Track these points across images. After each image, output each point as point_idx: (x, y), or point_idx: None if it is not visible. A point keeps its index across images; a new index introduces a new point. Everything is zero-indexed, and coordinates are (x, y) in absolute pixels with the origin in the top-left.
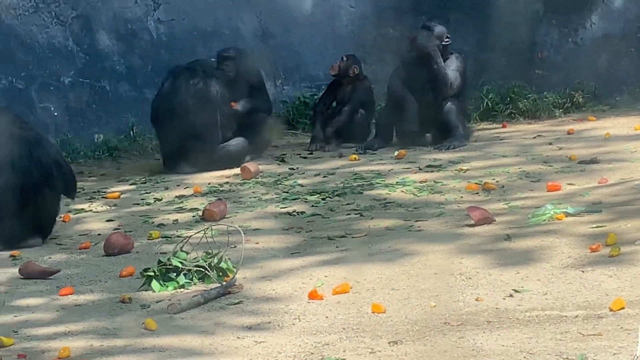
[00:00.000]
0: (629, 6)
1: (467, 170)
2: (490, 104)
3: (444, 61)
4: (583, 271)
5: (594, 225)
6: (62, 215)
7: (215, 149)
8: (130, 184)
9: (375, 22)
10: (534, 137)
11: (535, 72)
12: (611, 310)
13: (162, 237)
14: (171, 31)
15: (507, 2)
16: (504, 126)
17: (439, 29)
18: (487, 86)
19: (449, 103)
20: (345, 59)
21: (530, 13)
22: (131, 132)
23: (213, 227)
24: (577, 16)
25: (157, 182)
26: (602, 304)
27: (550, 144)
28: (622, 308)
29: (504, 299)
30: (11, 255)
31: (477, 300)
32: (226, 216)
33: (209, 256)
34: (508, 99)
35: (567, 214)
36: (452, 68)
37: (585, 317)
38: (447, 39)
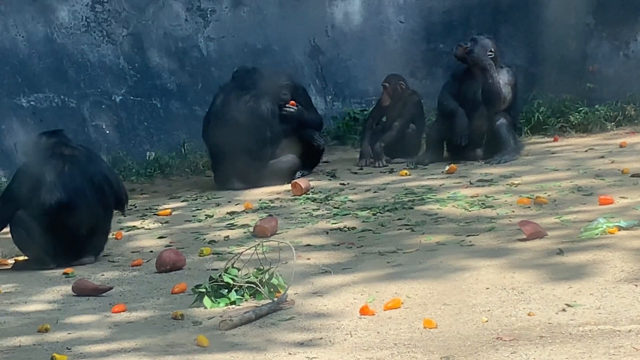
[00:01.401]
0: None
1: (519, 184)
2: (541, 118)
3: None
4: (636, 285)
5: None
6: (115, 233)
7: (265, 164)
8: (181, 201)
9: (424, 36)
10: (586, 151)
11: (587, 85)
12: None
13: (213, 254)
14: (221, 48)
15: (558, 15)
16: (555, 140)
17: (485, 42)
18: (538, 100)
19: (500, 117)
20: (387, 84)
21: (581, 26)
22: (182, 149)
23: (264, 244)
24: (628, 28)
25: (208, 199)
26: None
27: (602, 157)
28: None
29: (557, 313)
30: (64, 273)
31: (529, 315)
32: (277, 232)
33: (260, 272)
34: (559, 112)
35: (620, 228)
36: (503, 82)
37: (639, 331)
38: (490, 52)
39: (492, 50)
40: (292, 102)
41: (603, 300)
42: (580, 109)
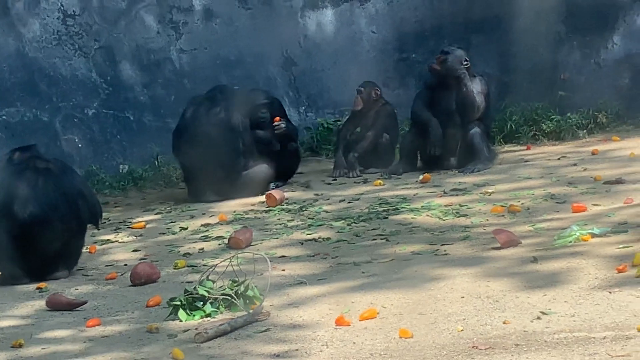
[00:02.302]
0: None
1: (493, 193)
2: (513, 126)
3: None
4: (610, 292)
5: (621, 246)
6: (88, 247)
7: (239, 176)
8: (155, 214)
9: (397, 46)
10: (559, 159)
11: (558, 93)
12: (639, 331)
13: (188, 266)
14: (194, 61)
15: (529, 24)
16: (528, 148)
17: (459, 52)
18: (510, 108)
19: (473, 126)
20: (362, 89)
21: (552, 35)
22: (156, 162)
23: (239, 255)
24: (599, 37)
25: (183, 211)
26: (630, 325)
27: (575, 165)
28: None
29: (532, 321)
30: (38, 288)
31: (504, 323)
32: (252, 244)
33: (235, 284)
34: (531, 120)
35: (593, 235)
36: (477, 90)
37: (613, 338)
38: (465, 62)
39: (467, 59)
40: (277, 118)
41: (577, 308)
42: (553, 117)
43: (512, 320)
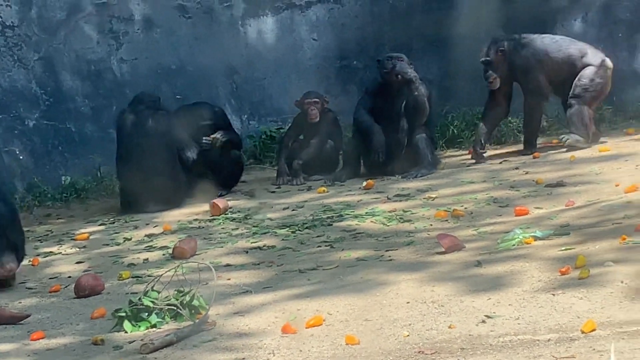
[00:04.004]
0: (587, 29)
1: (436, 198)
2: (455, 131)
3: None
4: (554, 294)
5: (563, 248)
6: (31, 259)
7: (182, 185)
8: (99, 225)
9: (338, 54)
10: (500, 163)
11: None
12: (583, 332)
13: (132, 277)
14: (135, 70)
15: (469, 29)
16: (470, 152)
17: (404, 57)
18: (452, 114)
19: (418, 131)
20: (317, 99)
21: (492, 40)
22: (98, 173)
23: (184, 265)
24: None
25: (126, 222)
26: (573, 327)
27: (516, 168)
28: (594, 330)
29: (477, 325)
30: None
31: (450, 327)
32: (197, 253)
33: (180, 294)
34: (473, 125)
35: (536, 238)
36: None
37: (557, 340)
38: (411, 65)
39: (411, 63)
40: (212, 135)
41: (522, 311)
42: None
43: (457, 324)
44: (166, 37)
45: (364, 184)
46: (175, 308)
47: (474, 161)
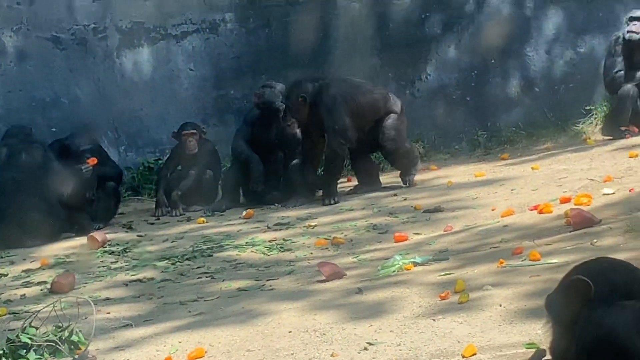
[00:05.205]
0: (461, 56)
1: (316, 226)
2: None
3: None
4: (434, 319)
5: (442, 273)
6: None
7: (58, 219)
8: None
9: (215, 83)
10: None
11: None
12: (463, 357)
13: (9, 314)
14: (8, 103)
15: (345, 56)
16: (349, 180)
17: (279, 86)
18: None
19: (294, 160)
20: (195, 131)
21: (368, 67)
22: None
23: (62, 300)
24: (413, 69)
25: (2, 257)
26: (454, 351)
27: (395, 195)
28: (474, 354)
29: (359, 352)
30: None
31: (332, 356)
32: (75, 287)
33: (59, 330)
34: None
35: (416, 264)
36: (295, 125)
37: None
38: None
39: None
40: (93, 159)
41: (403, 337)
42: None
43: (340, 352)
44: (40, 70)
45: (244, 213)
46: (54, 344)
47: (352, 188)
